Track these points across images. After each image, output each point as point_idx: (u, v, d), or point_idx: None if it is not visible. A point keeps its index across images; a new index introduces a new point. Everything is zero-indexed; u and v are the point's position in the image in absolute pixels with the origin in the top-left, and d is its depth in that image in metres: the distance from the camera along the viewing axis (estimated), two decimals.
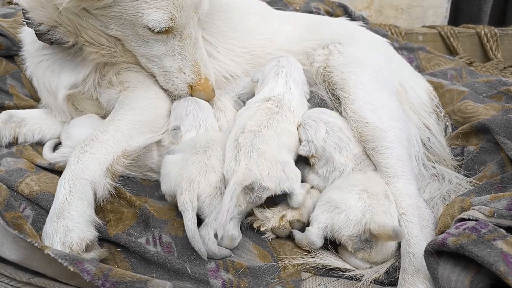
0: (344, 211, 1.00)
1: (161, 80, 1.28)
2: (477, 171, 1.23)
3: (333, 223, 1.01)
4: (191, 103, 1.27)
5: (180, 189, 1.03)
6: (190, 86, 1.27)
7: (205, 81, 1.27)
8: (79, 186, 1.01)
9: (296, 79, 1.30)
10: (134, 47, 1.20)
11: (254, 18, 1.50)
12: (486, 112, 1.37)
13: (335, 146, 1.16)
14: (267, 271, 0.98)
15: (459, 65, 1.99)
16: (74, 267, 0.75)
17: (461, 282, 0.76)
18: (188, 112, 1.25)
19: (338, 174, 1.15)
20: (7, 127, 1.33)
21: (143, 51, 1.21)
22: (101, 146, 1.10)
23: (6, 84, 1.52)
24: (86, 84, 1.27)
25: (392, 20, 2.85)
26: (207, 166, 1.08)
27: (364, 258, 0.99)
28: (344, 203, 1.02)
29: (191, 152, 1.11)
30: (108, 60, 1.23)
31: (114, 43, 1.20)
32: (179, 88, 1.27)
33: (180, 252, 1.01)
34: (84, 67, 1.25)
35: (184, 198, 1.01)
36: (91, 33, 1.15)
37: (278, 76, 1.29)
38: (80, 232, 0.93)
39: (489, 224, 0.79)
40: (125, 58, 1.25)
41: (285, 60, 1.34)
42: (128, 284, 0.75)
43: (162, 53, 1.20)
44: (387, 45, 1.58)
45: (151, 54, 1.21)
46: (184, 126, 1.24)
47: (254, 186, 1.03)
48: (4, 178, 1.09)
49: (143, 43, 1.18)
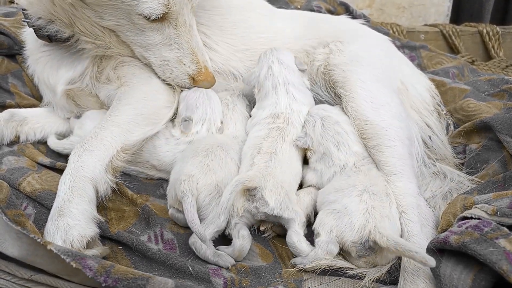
0: (347, 215, 0.99)
1: (159, 70, 1.27)
2: (479, 169, 1.23)
3: (337, 225, 0.99)
4: (202, 95, 1.28)
5: (179, 181, 1.03)
6: (192, 77, 1.26)
7: (205, 69, 1.26)
8: (79, 183, 1.01)
9: (295, 84, 1.29)
10: (130, 37, 1.20)
11: (254, 16, 1.50)
12: (488, 110, 1.36)
13: (332, 141, 1.16)
14: (269, 270, 0.98)
15: (461, 63, 1.98)
16: (76, 263, 0.75)
17: (463, 280, 0.76)
18: (199, 104, 1.26)
19: (338, 169, 1.13)
20: (8, 125, 1.33)
21: (139, 41, 1.20)
22: (99, 143, 1.10)
23: (7, 83, 1.52)
24: (84, 80, 1.27)
25: (394, 18, 2.84)
26: (207, 166, 1.08)
27: (368, 262, 0.98)
28: (346, 207, 1.00)
29: (192, 155, 1.11)
30: (103, 52, 1.23)
31: (108, 34, 1.20)
32: (179, 78, 1.27)
33: (182, 248, 1.01)
34: (81, 61, 1.25)
35: (183, 186, 1.01)
36: (85, 23, 1.16)
37: (277, 88, 1.28)
38: (81, 229, 0.93)
39: (491, 222, 0.79)
40: (119, 50, 1.25)
41: (277, 65, 1.30)
42: (130, 281, 0.75)
43: (158, 42, 1.20)
44: (389, 43, 1.58)
45: (147, 43, 1.21)
46: (194, 117, 1.24)
47: (256, 194, 1.03)
48: (6, 177, 1.09)
49: (139, 32, 1.18)
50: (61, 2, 1.09)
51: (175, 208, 1.07)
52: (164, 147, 1.25)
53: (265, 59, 1.33)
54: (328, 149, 1.16)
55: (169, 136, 1.26)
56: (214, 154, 1.12)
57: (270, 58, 1.32)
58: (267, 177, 1.05)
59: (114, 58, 1.26)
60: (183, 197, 1.00)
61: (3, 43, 1.53)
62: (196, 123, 1.25)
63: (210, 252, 0.96)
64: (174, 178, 1.10)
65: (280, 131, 1.19)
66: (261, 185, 1.03)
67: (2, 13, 1.69)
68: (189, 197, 0.99)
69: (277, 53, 1.33)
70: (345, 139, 1.17)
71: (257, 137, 1.19)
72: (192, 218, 0.95)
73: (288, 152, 1.16)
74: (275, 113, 1.24)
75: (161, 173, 1.28)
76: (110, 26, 1.17)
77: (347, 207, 1.00)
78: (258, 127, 1.23)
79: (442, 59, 2.05)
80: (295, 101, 1.27)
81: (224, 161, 1.12)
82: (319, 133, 1.18)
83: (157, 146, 1.25)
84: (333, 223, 0.99)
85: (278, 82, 1.29)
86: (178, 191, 1.03)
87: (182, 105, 1.28)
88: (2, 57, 1.56)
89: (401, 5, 2.84)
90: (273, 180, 1.05)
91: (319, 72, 1.40)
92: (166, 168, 1.26)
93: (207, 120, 1.26)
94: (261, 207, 1.02)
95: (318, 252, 0.97)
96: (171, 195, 1.08)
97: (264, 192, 1.02)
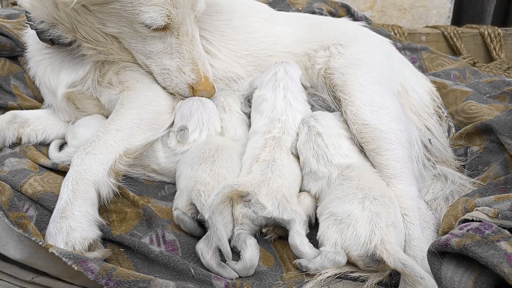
0: (351, 226, 0.95)
1: (159, 78, 1.28)
2: (481, 171, 1.23)
3: (342, 238, 0.95)
4: (195, 103, 1.28)
5: (196, 192, 1.02)
6: (191, 86, 1.27)
7: (205, 79, 1.27)
8: (82, 186, 1.01)
9: (293, 92, 1.32)
10: (132, 44, 1.21)
11: (256, 21, 1.50)
12: (490, 113, 1.36)
13: (312, 152, 1.16)
14: (270, 273, 0.98)
15: (463, 65, 1.98)
16: (78, 266, 0.75)
17: (465, 283, 0.75)
18: (193, 112, 1.26)
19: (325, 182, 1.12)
20: (10, 127, 1.33)
21: (141, 48, 1.21)
22: (102, 146, 1.11)
23: (9, 85, 1.52)
24: (85, 83, 1.28)
25: (395, 20, 2.85)
26: (219, 174, 1.08)
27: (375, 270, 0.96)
28: (348, 214, 0.97)
29: (199, 162, 1.10)
30: (105, 58, 1.24)
31: (110, 41, 1.21)
32: (179, 87, 1.28)
33: (184, 250, 1.01)
34: (83, 65, 1.26)
35: (205, 199, 0.99)
36: (88, 29, 1.16)
37: (276, 90, 1.30)
38: (83, 231, 0.93)
39: (493, 225, 0.79)
40: (121, 56, 1.25)
41: (282, 72, 1.34)
42: (132, 284, 0.76)
43: (160, 50, 1.21)
44: (389, 45, 1.57)
45: (149, 51, 1.22)
46: (190, 126, 1.24)
47: (251, 198, 1.03)
48: (8, 179, 1.09)
49: (141, 40, 1.19)
50: (64, 7, 1.10)
51: (181, 210, 1.06)
52: (161, 153, 1.25)
53: (274, 67, 1.37)
54: (308, 160, 1.16)
55: (165, 145, 1.26)
56: (220, 159, 1.12)
57: (278, 67, 1.36)
58: (261, 184, 1.05)
59: (116, 63, 1.27)
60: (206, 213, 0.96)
61: (5, 44, 1.53)
62: (192, 131, 1.24)
63: (215, 262, 0.95)
64: (185, 184, 1.08)
65: (276, 140, 1.20)
66: (254, 190, 1.03)
67: (4, 15, 1.70)
68: (214, 213, 0.97)
69: (286, 64, 1.38)
70: (324, 152, 1.15)
71: (255, 148, 1.20)
72: (221, 235, 0.94)
73: (286, 158, 1.17)
74: (271, 119, 1.25)
75: (162, 176, 1.28)
76: (112, 33, 1.18)
77: (350, 214, 0.97)
78: (255, 137, 1.24)
79: (443, 61, 2.04)
80: (290, 107, 1.28)
81: (231, 164, 1.13)
82: (301, 141, 1.19)
83: (156, 151, 1.25)
84: (337, 236, 0.96)
85: (278, 85, 1.31)
86: (197, 201, 1.01)
87: (177, 115, 1.28)
88: (4, 58, 1.56)
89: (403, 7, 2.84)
90: (268, 186, 1.05)
91: (319, 76, 1.40)
92: (166, 172, 1.27)
93: (205, 127, 1.25)
94: (259, 211, 1.02)
95: (325, 261, 0.95)
96: (183, 199, 1.06)
97: (259, 196, 1.03)
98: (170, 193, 1.24)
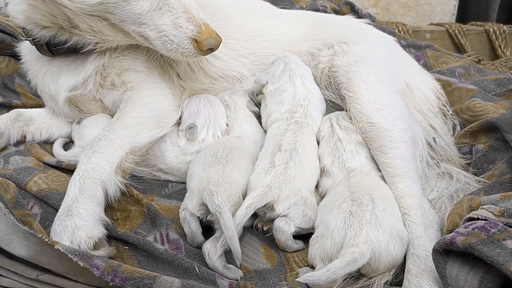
0: (330, 237, 0.93)
1: (159, 44, 1.15)
2: (486, 169, 1.22)
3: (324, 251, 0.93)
4: (202, 100, 1.28)
5: (208, 192, 1.00)
6: (194, 40, 1.13)
7: (205, 26, 1.14)
8: (89, 185, 1.02)
9: (309, 78, 1.34)
10: (118, 14, 1.11)
11: (258, 19, 1.49)
12: (495, 110, 1.35)
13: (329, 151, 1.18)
14: (274, 272, 0.98)
15: (467, 63, 1.97)
16: (83, 263, 0.76)
17: (470, 282, 0.75)
18: (200, 110, 1.26)
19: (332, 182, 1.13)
20: (15, 125, 1.34)
21: (129, 15, 1.10)
22: (109, 145, 1.11)
23: (14, 83, 1.53)
24: (87, 86, 1.26)
25: (400, 17, 2.83)
26: (231, 177, 1.07)
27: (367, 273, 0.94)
28: (327, 226, 0.95)
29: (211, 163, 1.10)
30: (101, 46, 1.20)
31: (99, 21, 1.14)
32: (182, 46, 1.14)
33: (187, 248, 1.01)
34: (84, 69, 1.24)
35: (217, 199, 0.98)
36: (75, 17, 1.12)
37: (294, 79, 1.31)
38: (88, 230, 0.93)
39: (498, 223, 0.78)
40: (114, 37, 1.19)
41: (293, 63, 1.35)
42: (137, 280, 0.76)
43: (148, 9, 1.10)
44: (394, 42, 1.57)
45: (137, 15, 1.11)
46: (199, 124, 1.24)
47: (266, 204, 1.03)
48: (13, 177, 1.10)
49: (125, 5, 1.09)
50: None
51: (189, 211, 1.04)
52: (170, 153, 1.25)
53: (280, 60, 1.37)
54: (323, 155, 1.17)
55: (174, 144, 1.25)
56: (234, 161, 1.11)
57: (285, 59, 1.37)
58: (282, 185, 1.05)
59: (118, 64, 1.26)
60: (220, 212, 0.95)
61: (10, 43, 1.54)
62: (201, 129, 1.24)
63: (221, 264, 0.95)
64: (197, 184, 1.07)
65: (299, 125, 1.21)
66: (274, 198, 1.03)
67: None
68: (226, 212, 0.95)
69: (292, 57, 1.38)
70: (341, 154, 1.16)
71: (276, 135, 1.20)
72: (233, 235, 0.92)
73: (307, 146, 1.17)
74: (294, 105, 1.26)
75: (168, 175, 1.28)
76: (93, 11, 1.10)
77: (328, 225, 0.95)
78: (277, 124, 1.25)
79: (448, 59, 2.03)
80: (310, 92, 1.30)
81: (244, 166, 1.12)
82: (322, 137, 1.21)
83: (164, 151, 1.25)
84: (319, 251, 0.94)
85: (295, 74, 1.32)
86: (209, 201, 0.99)
87: (185, 113, 1.28)
88: (9, 57, 1.57)
89: (407, 4, 2.82)
90: (289, 188, 1.05)
91: (323, 75, 1.39)
92: (173, 172, 1.26)
93: (212, 125, 1.25)
94: (268, 213, 1.03)
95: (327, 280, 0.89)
96: (193, 199, 1.04)
97: (276, 203, 1.03)
98: (173, 191, 1.25)
